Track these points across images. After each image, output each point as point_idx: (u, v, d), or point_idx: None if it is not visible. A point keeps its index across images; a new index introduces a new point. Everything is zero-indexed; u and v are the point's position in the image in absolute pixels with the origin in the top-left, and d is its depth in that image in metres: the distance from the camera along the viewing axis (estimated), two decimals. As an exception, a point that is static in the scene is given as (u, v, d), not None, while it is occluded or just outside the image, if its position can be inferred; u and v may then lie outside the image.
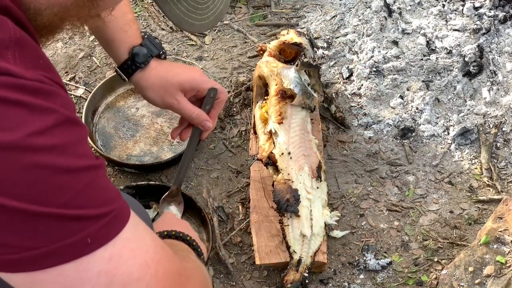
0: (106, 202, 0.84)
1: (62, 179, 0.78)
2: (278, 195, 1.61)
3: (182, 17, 0.97)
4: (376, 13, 2.19)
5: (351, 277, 1.66)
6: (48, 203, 0.77)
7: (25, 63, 0.80)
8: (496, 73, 2.02)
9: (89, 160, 0.83)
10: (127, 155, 1.92)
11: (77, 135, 0.83)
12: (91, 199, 0.82)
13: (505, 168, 1.86)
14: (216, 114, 1.56)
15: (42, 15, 0.87)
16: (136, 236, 0.87)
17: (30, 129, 0.76)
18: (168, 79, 1.49)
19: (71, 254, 0.80)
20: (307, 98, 1.74)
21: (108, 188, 0.86)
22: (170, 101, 1.50)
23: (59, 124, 0.79)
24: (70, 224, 0.79)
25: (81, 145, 0.83)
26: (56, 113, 0.79)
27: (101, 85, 2.02)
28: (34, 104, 0.77)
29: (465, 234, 1.72)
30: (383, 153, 1.91)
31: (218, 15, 1.03)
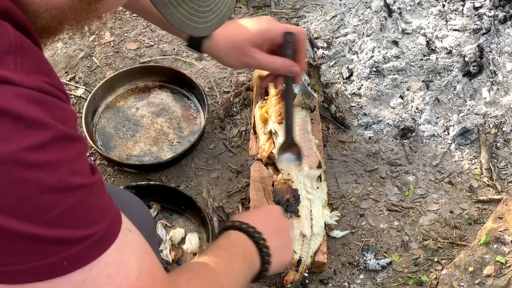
0: (92, 223, 0.81)
1: (48, 197, 0.76)
2: (278, 195, 1.61)
3: (183, 20, 0.93)
4: (376, 13, 2.19)
5: (351, 277, 1.66)
6: (31, 220, 0.76)
7: (26, 68, 0.78)
8: (496, 73, 2.02)
9: (81, 179, 0.81)
10: (127, 155, 1.92)
11: (72, 152, 0.80)
12: (76, 220, 0.79)
13: (505, 168, 1.86)
14: (302, 55, 1.46)
15: (40, 17, 0.86)
16: (118, 260, 0.84)
17: (24, 144, 0.74)
18: (236, 39, 1.43)
19: (45, 274, 0.78)
20: (307, 98, 1.74)
21: (98, 207, 0.83)
22: (248, 61, 1.44)
23: (55, 141, 0.77)
24: (50, 246, 0.78)
25: (76, 162, 0.81)
26: (53, 129, 0.77)
27: (101, 85, 2.02)
28: (30, 117, 0.75)
29: (465, 234, 1.72)
30: (383, 153, 1.91)
31: (221, 17, 0.99)
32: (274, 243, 1.24)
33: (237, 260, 1.17)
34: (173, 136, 1.96)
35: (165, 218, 1.77)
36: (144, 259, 0.89)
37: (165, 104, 2.03)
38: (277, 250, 1.24)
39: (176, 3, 0.92)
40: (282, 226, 1.31)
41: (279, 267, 1.32)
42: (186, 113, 2.01)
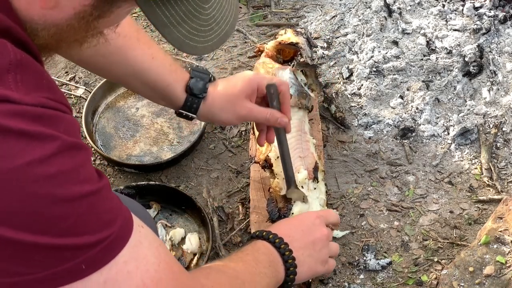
0: (105, 226, 0.83)
1: (60, 208, 0.78)
2: (270, 204, 1.60)
3: (183, 40, 0.91)
4: (376, 13, 2.19)
5: (351, 277, 1.66)
6: (45, 232, 0.77)
7: (27, 85, 0.79)
8: (496, 73, 2.02)
9: (89, 185, 0.82)
10: (127, 155, 1.92)
11: (79, 160, 0.81)
12: (89, 226, 0.81)
13: (505, 168, 1.86)
14: (286, 107, 1.50)
15: (38, 35, 0.86)
16: (135, 256, 0.86)
17: (29, 158, 0.75)
18: (231, 93, 1.46)
19: (65, 279, 0.80)
20: (303, 98, 1.73)
21: (108, 209, 0.85)
22: (244, 113, 1.47)
23: (60, 152, 0.78)
24: (66, 253, 0.79)
25: (83, 170, 0.82)
26: (58, 140, 0.78)
27: (101, 85, 2.02)
28: (34, 132, 0.76)
29: (465, 234, 1.72)
30: (383, 153, 1.91)
31: (222, 36, 0.97)
32: (302, 254, 1.25)
33: (261, 265, 1.19)
34: (173, 136, 1.96)
35: (165, 218, 1.78)
36: (160, 252, 0.91)
37: (165, 104, 2.03)
38: (304, 261, 1.25)
39: (176, 23, 0.90)
40: (315, 236, 1.31)
41: (309, 276, 1.34)
42: (186, 113, 2.01)
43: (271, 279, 1.19)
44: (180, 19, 0.89)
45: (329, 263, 1.41)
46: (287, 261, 1.22)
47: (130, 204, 1.30)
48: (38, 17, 0.85)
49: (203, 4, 0.91)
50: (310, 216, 1.39)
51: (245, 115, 1.48)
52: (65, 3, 0.84)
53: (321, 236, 1.34)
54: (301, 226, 1.33)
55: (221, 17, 0.95)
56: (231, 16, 0.98)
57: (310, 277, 1.38)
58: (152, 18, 0.88)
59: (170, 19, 0.89)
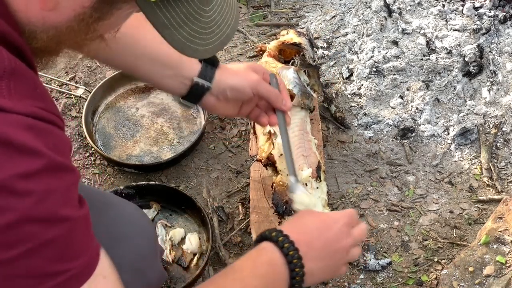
0: (69, 259, 0.81)
1: (33, 226, 0.76)
2: (276, 198, 1.61)
3: (184, 42, 0.89)
4: (376, 13, 2.19)
5: (351, 277, 1.66)
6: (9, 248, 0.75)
7: (20, 94, 0.78)
8: (496, 73, 2.02)
9: (69, 211, 0.80)
10: (127, 155, 1.92)
11: (64, 183, 0.80)
12: (53, 253, 0.79)
13: (505, 168, 1.86)
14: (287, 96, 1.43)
15: (37, 38, 0.85)
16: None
17: (14, 171, 0.74)
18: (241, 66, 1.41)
19: None
20: (306, 98, 1.73)
21: (79, 242, 0.83)
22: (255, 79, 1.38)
23: (47, 170, 0.77)
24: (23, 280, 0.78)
25: (67, 194, 0.80)
26: (46, 157, 0.77)
27: (101, 85, 2.02)
28: (23, 144, 0.75)
29: (465, 234, 1.72)
30: (383, 153, 1.91)
31: (224, 39, 0.95)
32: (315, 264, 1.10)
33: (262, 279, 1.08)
34: (173, 136, 1.96)
35: (165, 218, 1.77)
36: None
37: (165, 104, 2.03)
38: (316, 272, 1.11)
39: (177, 25, 0.88)
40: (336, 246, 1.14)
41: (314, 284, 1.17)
42: (186, 113, 2.01)
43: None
44: (181, 21, 0.88)
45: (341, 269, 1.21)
46: (293, 270, 1.07)
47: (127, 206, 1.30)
48: (37, 19, 0.84)
49: (204, 7, 0.90)
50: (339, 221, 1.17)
51: (256, 82, 1.39)
52: (65, 5, 0.83)
53: (344, 246, 1.15)
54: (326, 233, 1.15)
55: (222, 20, 0.94)
56: (232, 19, 0.96)
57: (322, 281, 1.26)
58: (153, 20, 0.87)
59: (171, 21, 0.87)
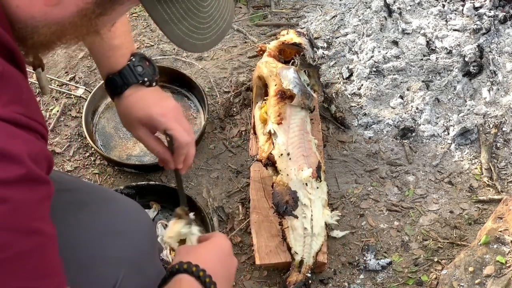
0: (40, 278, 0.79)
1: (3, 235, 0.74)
2: (277, 197, 1.61)
3: (183, 37, 0.92)
4: (376, 13, 2.19)
5: (351, 277, 1.66)
6: None
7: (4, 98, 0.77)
8: (496, 73, 2.02)
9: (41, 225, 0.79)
10: (127, 155, 1.92)
11: (38, 195, 0.79)
12: (26, 269, 0.77)
13: (505, 168, 1.86)
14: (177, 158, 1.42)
15: (39, 33, 0.86)
16: None
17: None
18: (132, 112, 1.41)
19: None
20: (306, 99, 1.73)
21: (49, 262, 0.81)
22: (134, 134, 1.44)
23: (24, 180, 0.76)
24: None
25: (39, 207, 0.79)
26: (25, 167, 0.76)
27: (101, 85, 2.02)
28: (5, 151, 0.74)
29: (465, 234, 1.72)
30: (383, 153, 1.91)
31: (220, 34, 0.98)
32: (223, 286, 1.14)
33: None
34: (173, 136, 1.96)
35: (165, 218, 1.77)
36: None
37: (165, 104, 2.03)
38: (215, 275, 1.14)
39: (176, 20, 0.91)
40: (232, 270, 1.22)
41: None
42: (186, 113, 2.01)
43: None
44: (180, 16, 0.91)
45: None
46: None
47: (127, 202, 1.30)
48: (40, 15, 0.85)
49: (202, 2, 0.93)
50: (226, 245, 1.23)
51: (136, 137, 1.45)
52: (68, 0, 0.84)
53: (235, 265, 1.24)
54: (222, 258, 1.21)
55: (219, 15, 0.97)
56: (228, 14, 0.99)
57: None
58: (154, 15, 0.89)
59: (170, 16, 0.90)
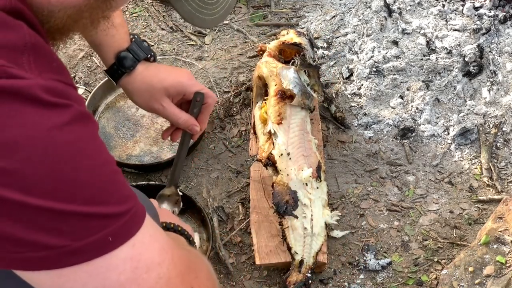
0: (126, 199, 0.85)
1: (83, 174, 0.79)
2: (277, 197, 1.61)
3: (193, 13, 0.97)
4: (376, 13, 2.19)
5: (351, 277, 1.66)
6: (70, 200, 0.78)
7: (39, 67, 0.81)
8: (496, 73, 2.02)
9: (105, 155, 0.84)
10: (127, 155, 1.92)
11: (92, 129, 0.84)
12: (112, 195, 0.83)
13: (505, 168, 1.86)
14: (204, 118, 1.53)
15: (55, 17, 0.88)
16: (152, 224, 0.90)
17: (49, 124, 0.77)
18: (153, 84, 1.47)
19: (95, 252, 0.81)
20: (306, 99, 1.73)
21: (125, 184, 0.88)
22: (156, 107, 1.48)
23: (76, 120, 0.80)
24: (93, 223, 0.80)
25: (98, 140, 0.84)
26: (72, 107, 0.80)
27: (101, 85, 2.02)
28: (49, 101, 0.78)
29: (465, 234, 1.72)
30: (383, 153, 1.91)
31: (227, 8, 1.03)
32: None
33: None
34: (173, 136, 1.96)
35: (165, 218, 1.77)
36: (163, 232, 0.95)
37: (165, 104, 2.03)
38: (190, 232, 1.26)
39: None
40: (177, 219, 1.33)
41: None
42: (186, 113, 2.01)
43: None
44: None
45: None
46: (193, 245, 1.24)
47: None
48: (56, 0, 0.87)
49: None
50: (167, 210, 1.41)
51: (157, 110, 1.50)
52: None
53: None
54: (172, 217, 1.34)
55: None
56: None
57: None
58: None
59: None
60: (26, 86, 0.77)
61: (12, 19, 0.80)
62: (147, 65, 1.50)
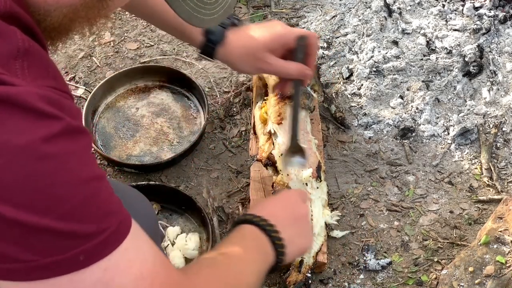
0: (106, 217, 0.82)
1: (62, 189, 0.77)
2: None
3: (191, 13, 0.95)
4: (376, 13, 2.19)
5: (351, 277, 1.66)
6: (45, 214, 0.76)
7: (33, 73, 0.79)
8: (496, 73, 2.02)
9: (92, 171, 0.82)
10: (127, 155, 1.92)
11: (82, 144, 0.82)
12: (90, 213, 0.80)
13: (505, 168, 1.86)
14: (312, 59, 1.49)
15: (51, 16, 0.87)
16: (135, 247, 0.86)
17: (35, 135, 0.75)
18: (251, 45, 1.44)
19: (64, 269, 0.79)
20: (306, 99, 1.73)
21: (109, 201, 0.85)
22: (262, 66, 1.46)
23: (65, 133, 0.78)
24: (66, 241, 0.78)
25: (86, 155, 0.82)
26: (63, 121, 0.78)
27: (101, 85, 2.02)
28: (41, 110, 0.76)
29: (465, 234, 1.72)
30: (383, 153, 1.91)
31: (227, 8, 1.01)
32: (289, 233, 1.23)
33: (251, 252, 1.17)
34: (173, 136, 1.96)
35: (165, 218, 1.78)
36: (154, 248, 0.91)
37: (165, 104, 2.03)
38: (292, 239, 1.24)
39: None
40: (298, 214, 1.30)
41: (297, 254, 1.33)
42: (186, 113, 2.01)
43: (262, 264, 1.18)
44: None
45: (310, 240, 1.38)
46: (275, 243, 1.21)
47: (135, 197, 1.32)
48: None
49: None
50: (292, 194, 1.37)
51: (265, 69, 1.48)
52: None
53: (304, 212, 1.32)
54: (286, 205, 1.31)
55: None
56: None
57: (298, 255, 1.37)
58: None
59: None
60: (17, 93, 0.75)
61: (5, 25, 0.79)
62: (237, 30, 1.46)
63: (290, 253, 1.24)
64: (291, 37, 1.46)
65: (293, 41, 1.46)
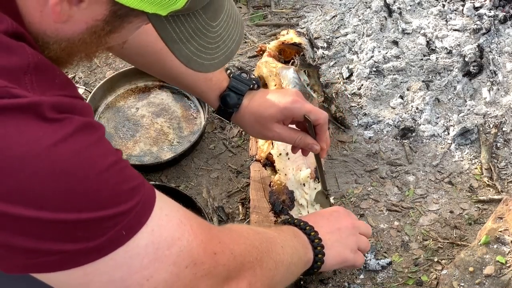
0: (134, 192, 0.88)
1: (91, 183, 0.82)
2: (273, 196, 1.61)
3: (191, 56, 0.94)
4: (376, 13, 2.19)
5: (351, 277, 1.66)
6: (82, 209, 0.81)
7: (41, 87, 0.83)
8: (496, 73, 2.02)
9: (112, 156, 0.86)
10: (127, 155, 1.92)
11: (96, 136, 0.86)
12: (121, 195, 0.85)
13: (505, 168, 1.86)
14: (322, 137, 1.50)
15: (49, 49, 0.89)
16: (165, 203, 0.95)
17: (54, 139, 0.79)
18: (261, 114, 1.47)
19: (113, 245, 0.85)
20: (306, 99, 1.73)
21: (132, 176, 0.90)
22: (270, 135, 1.49)
23: (79, 130, 0.82)
24: (106, 224, 0.84)
25: (102, 144, 0.87)
26: (74, 119, 0.82)
27: (101, 85, 2.02)
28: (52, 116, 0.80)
29: (465, 234, 1.72)
30: (383, 153, 1.91)
31: (228, 54, 1.00)
32: (329, 237, 1.29)
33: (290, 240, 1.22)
34: (173, 136, 1.96)
35: (165, 218, 1.77)
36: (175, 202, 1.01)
37: (165, 104, 2.03)
38: (332, 244, 1.28)
39: (185, 39, 0.93)
40: (341, 224, 1.37)
41: (338, 261, 1.37)
42: (186, 113, 2.01)
43: (301, 256, 1.22)
44: (189, 36, 0.93)
45: (358, 254, 1.44)
46: (313, 241, 1.25)
47: None
48: (50, 31, 0.88)
49: (211, 22, 0.94)
50: (339, 209, 1.47)
51: (272, 138, 1.53)
52: (78, 18, 0.86)
53: (346, 224, 1.38)
54: (327, 215, 1.39)
55: (228, 35, 0.99)
56: (237, 34, 1.01)
57: (340, 264, 1.40)
58: (163, 34, 0.91)
59: (179, 35, 0.92)
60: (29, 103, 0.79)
61: (15, 42, 0.82)
62: (252, 95, 1.50)
63: (329, 258, 1.28)
64: (299, 112, 1.47)
65: (301, 117, 1.47)
